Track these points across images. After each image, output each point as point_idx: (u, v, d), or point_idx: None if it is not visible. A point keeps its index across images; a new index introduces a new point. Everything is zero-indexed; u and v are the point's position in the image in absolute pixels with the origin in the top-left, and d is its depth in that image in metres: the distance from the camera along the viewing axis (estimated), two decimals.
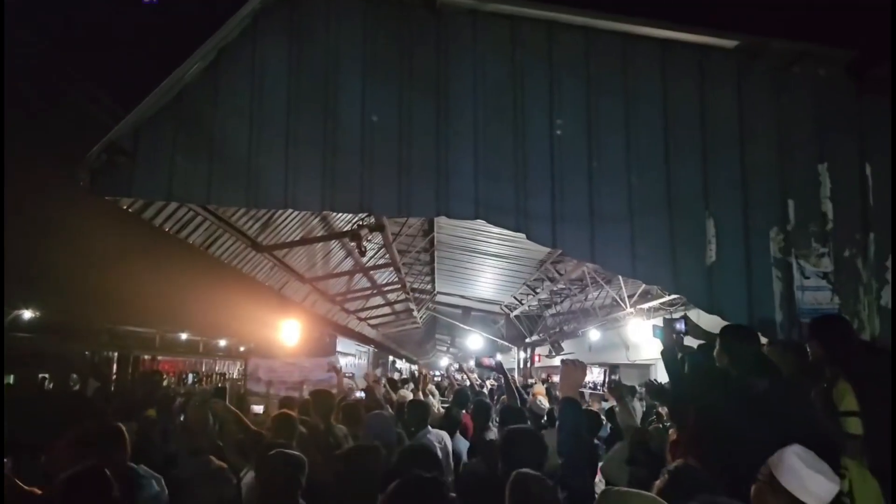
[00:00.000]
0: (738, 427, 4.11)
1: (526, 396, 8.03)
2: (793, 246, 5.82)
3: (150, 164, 5.89)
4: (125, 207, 6.38)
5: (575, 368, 3.47)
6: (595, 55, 6.10)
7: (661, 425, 6.36)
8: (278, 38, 6.08)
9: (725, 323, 5.30)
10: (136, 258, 10.62)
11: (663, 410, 8.71)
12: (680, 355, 5.34)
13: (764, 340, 5.43)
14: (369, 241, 11.17)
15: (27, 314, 23.19)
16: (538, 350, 24.18)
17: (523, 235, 5.94)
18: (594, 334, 17.92)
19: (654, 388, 8.76)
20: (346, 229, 11.59)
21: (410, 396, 10.69)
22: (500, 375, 9.25)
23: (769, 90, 6.02)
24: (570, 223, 5.86)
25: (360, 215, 10.30)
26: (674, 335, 5.51)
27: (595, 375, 21.28)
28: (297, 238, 11.16)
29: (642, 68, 6.10)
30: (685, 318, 5.84)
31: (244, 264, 10.18)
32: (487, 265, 16.50)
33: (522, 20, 6.11)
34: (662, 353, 5.39)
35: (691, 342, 5.72)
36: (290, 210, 8.84)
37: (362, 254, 10.76)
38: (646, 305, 12.60)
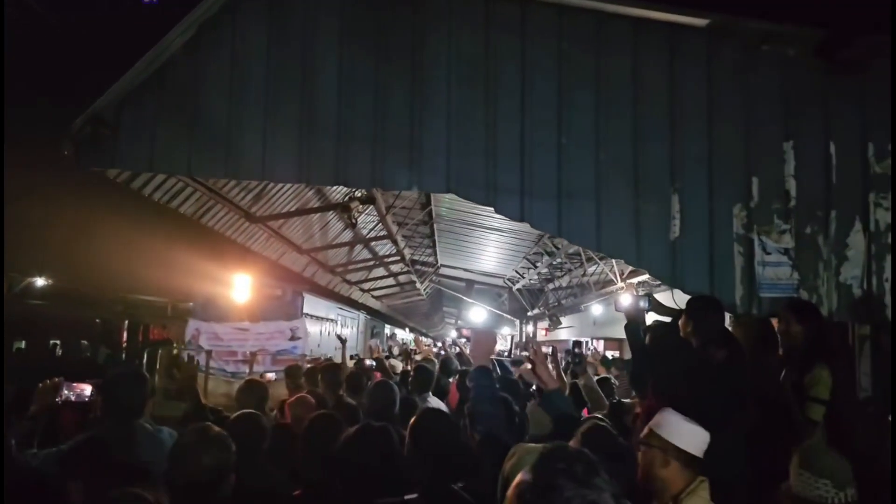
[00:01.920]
0: (695, 396, 4.23)
1: (510, 369, 8.20)
2: (755, 222, 5.95)
3: (133, 136, 6.10)
4: (112, 178, 6.62)
5: (486, 337, 3.60)
6: (568, 32, 6.20)
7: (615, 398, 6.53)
8: (258, 12, 6.23)
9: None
10: (135, 229, 10.96)
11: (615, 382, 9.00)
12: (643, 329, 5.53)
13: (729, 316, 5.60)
14: (360, 213, 11.37)
15: (40, 282, 23.73)
16: (539, 324, 24.39)
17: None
18: (597, 309, 18.06)
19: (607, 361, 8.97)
20: (341, 201, 11.81)
21: (401, 367, 10.98)
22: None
23: (738, 69, 6.11)
24: (537, 197, 6.02)
25: (352, 188, 10.49)
26: (639, 310, 5.68)
27: (600, 349, 21.48)
28: (293, 209, 11.39)
29: (614, 46, 6.20)
30: (649, 295, 6.02)
31: (238, 234, 10.43)
32: (487, 238, 16.66)
33: None
34: (626, 326, 5.58)
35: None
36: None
37: (353, 225, 10.98)
38: (635, 280, 12.74)
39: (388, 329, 29.99)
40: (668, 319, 6.00)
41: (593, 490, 1.54)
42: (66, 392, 3.70)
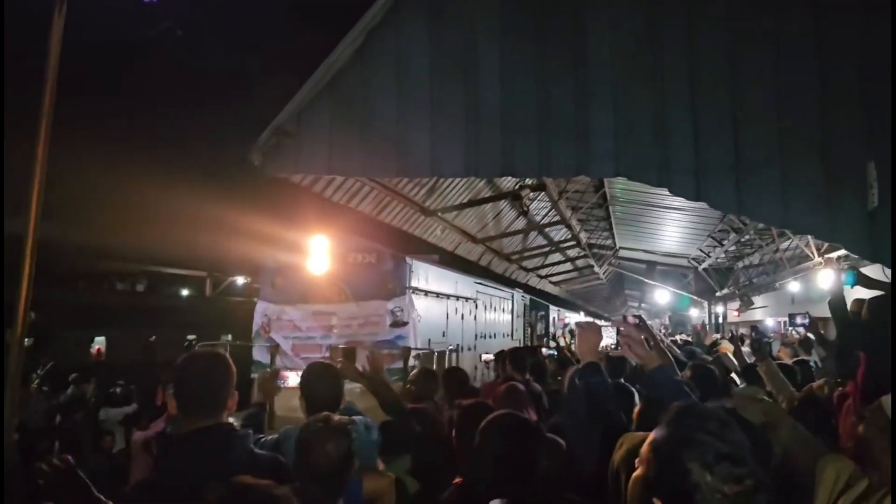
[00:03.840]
0: None
1: (678, 353, 7.82)
2: None
3: (311, 143, 6.50)
4: (296, 183, 7.11)
5: (589, 331, 3.36)
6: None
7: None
8: (418, 14, 6.40)
9: None
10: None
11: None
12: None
13: None
14: (531, 200, 11.34)
15: (240, 280, 26.22)
16: (730, 305, 23.07)
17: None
18: (794, 286, 16.78)
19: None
20: (512, 190, 11.86)
21: None
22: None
23: None
24: (714, 175, 5.69)
25: None
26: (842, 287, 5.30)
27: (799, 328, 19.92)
28: (465, 200, 11.60)
29: (794, 7, 5.70)
30: (854, 270, 5.55)
31: (415, 228, 10.81)
32: (667, 218, 16.00)
33: None
34: (829, 302, 5.24)
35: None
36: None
37: (525, 213, 10.98)
38: (834, 255, 11.65)
39: (554, 312, 23.97)
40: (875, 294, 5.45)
41: (726, 443, 1.57)
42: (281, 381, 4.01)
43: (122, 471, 5.34)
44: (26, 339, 5.31)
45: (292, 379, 4.77)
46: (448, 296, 9.71)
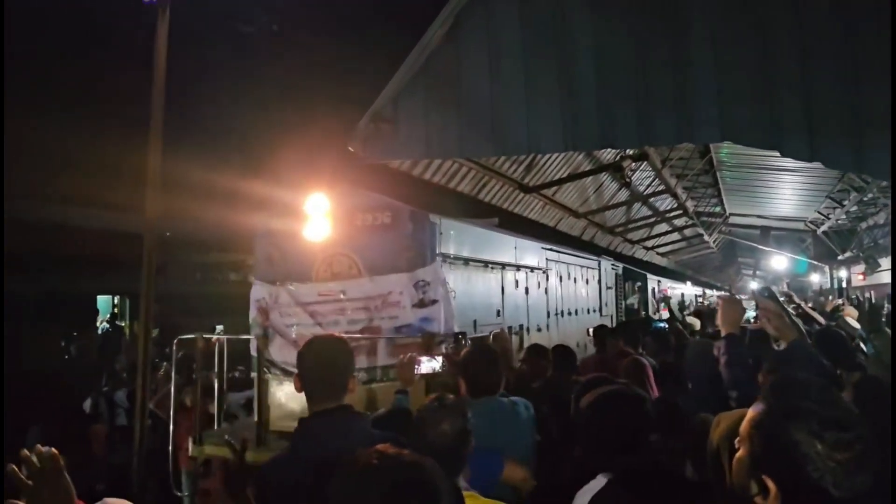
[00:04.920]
0: None
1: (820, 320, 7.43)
2: None
3: (408, 127, 6.58)
4: (396, 168, 7.23)
5: (732, 305, 3.30)
6: None
7: None
8: None
9: None
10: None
11: None
12: None
13: None
14: (633, 171, 11.06)
15: None
16: (854, 269, 21.76)
17: None
18: None
19: None
20: (612, 161, 11.60)
21: (698, 324, 10.50)
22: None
23: None
24: (828, 134, 5.37)
25: None
26: None
27: None
28: (565, 175, 11.46)
29: None
30: None
31: (515, 206, 10.78)
32: (780, 180, 15.21)
33: None
34: None
35: None
36: None
37: (628, 184, 10.72)
38: None
39: (653, 283, 20.54)
40: None
41: (831, 410, 1.53)
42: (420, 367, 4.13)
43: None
44: (153, 330, 5.68)
45: (426, 365, 4.17)
46: (503, 265, 7.81)
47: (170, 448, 5.86)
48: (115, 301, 17.89)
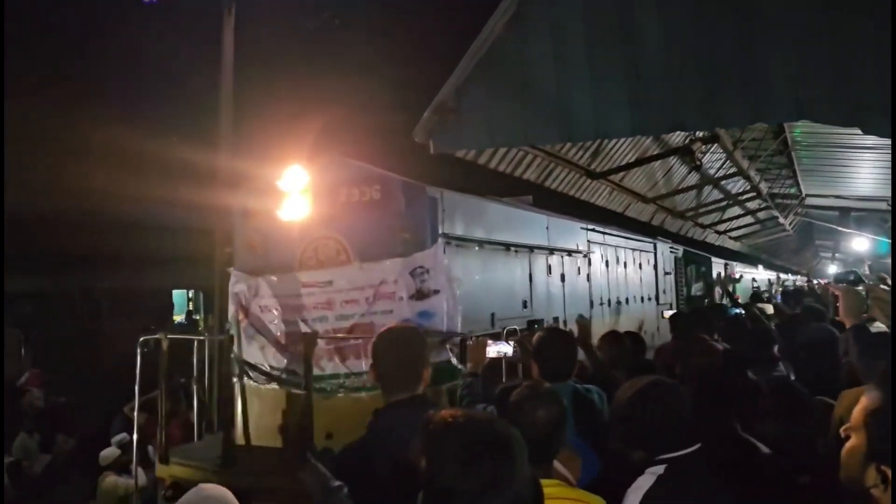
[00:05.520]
0: None
1: None
2: None
3: (473, 117, 6.58)
4: (460, 157, 7.25)
5: (852, 295, 3.17)
6: None
7: None
8: None
9: None
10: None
11: None
12: None
13: None
14: (703, 153, 10.78)
15: None
16: None
17: None
18: None
19: None
20: (682, 145, 11.34)
21: (770, 309, 10.16)
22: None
23: None
24: None
25: None
26: None
27: None
28: (632, 160, 11.26)
29: None
30: None
31: (581, 192, 10.66)
32: (860, 158, 14.55)
33: None
34: None
35: None
36: None
37: (698, 167, 10.46)
38: None
39: (718, 266, 18.00)
40: None
41: None
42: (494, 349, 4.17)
43: None
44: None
45: (493, 349, 4.22)
46: (530, 248, 6.77)
47: (133, 467, 5.34)
48: (190, 295, 18.48)
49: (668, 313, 9.93)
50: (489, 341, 4.21)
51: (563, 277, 7.47)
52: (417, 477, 1.61)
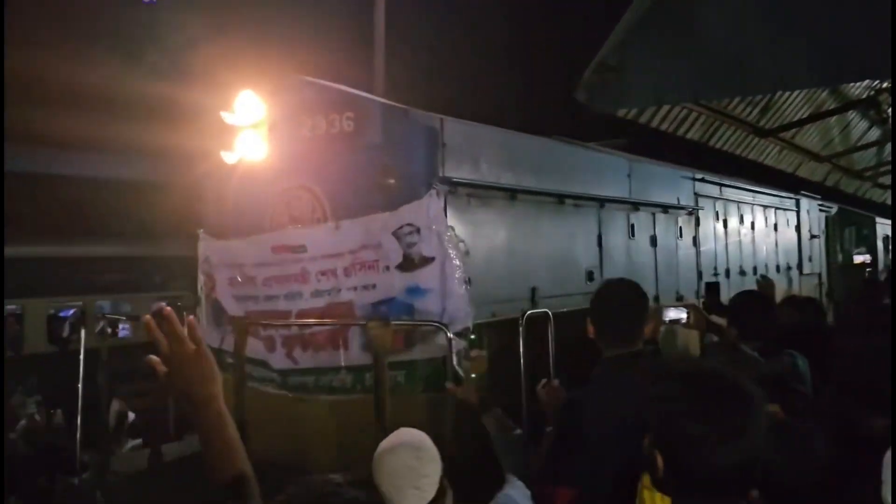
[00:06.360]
0: None
1: None
2: None
3: (637, 74, 6.28)
4: (622, 116, 6.98)
5: None
6: None
7: None
8: None
9: None
10: None
11: None
12: None
13: None
14: (889, 105, 9.77)
15: None
16: None
17: None
18: None
19: None
20: (863, 97, 10.33)
21: None
22: None
23: None
24: None
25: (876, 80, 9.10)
26: None
27: None
28: (805, 115, 10.41)
29: None
30: None
31: (749, 151, 10.03)
32: None
33: None
34: None
35: None
36: None
37: (883, 121, 9.51)
38: None
39: (884, 229, 14.02)
40: None
41: None
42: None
43: None
44: None
45: (670, 314, 3.77)
46: (600, 201, 5.33)
47: None
48: None
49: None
50: (665, 307, 4.03)
51: (653, 241, 5.97)
52: (643, 428, 1.62)
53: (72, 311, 8.34)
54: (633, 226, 5.72)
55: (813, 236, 9.64)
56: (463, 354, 3.52)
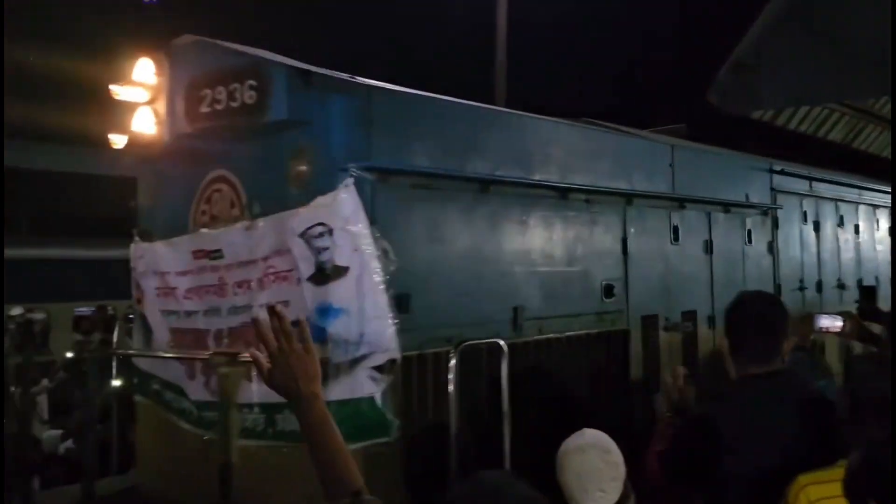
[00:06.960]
0: None
1: None
2: None
3: (774, 74, 6.05)
4: (757, 119, 6.74)
5: None
6: None
7: None
8: None
9: None
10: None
11: None
12: None
13: None
14: None
15: None
16: None
17: None
18: None
19: None
20: None
21: None
22: None
23: None
24: None
25: None
26: None
27: None
28: None
29: None
30: None
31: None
32: None
33: None
34: None
35: None
36: None
37: None
38: None
39: None
40: None
41: None
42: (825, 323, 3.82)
43: None
44: None
45: (826, 321, 3.43)
46: (626, 196, 4.43)
47: None
48: None
49: None
50: (819, 315, 3.82)
51: (708, 246, 5.01)
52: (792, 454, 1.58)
53: None
54: (675, 227, 4.76)
55: None
56: (387, 396, 2.81)
